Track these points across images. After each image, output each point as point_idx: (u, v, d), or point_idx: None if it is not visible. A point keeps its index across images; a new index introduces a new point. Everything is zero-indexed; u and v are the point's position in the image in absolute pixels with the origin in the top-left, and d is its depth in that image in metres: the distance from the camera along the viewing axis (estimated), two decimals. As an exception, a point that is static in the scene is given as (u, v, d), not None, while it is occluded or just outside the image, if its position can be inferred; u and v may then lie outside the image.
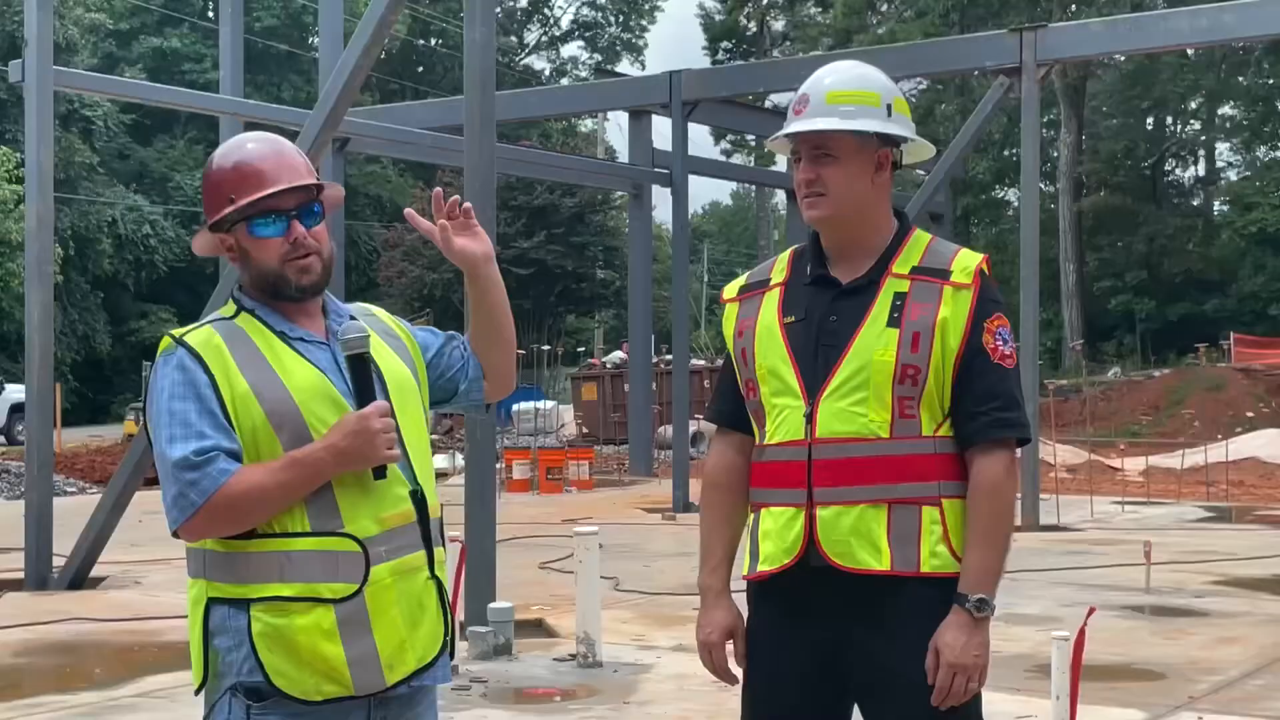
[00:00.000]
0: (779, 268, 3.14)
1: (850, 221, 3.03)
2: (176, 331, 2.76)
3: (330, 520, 2.65)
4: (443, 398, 3.00)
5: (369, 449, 2.63)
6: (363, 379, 2.70)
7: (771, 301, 3.08)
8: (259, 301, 2.78)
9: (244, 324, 2.75)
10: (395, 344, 2.90)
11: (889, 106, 3.03)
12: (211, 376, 2.67)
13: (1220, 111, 50.36)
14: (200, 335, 2.73)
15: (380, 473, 2.68)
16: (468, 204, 2.94)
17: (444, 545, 2.85)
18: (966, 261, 2.99)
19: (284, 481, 2.61)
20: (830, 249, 3.08)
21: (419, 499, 2.74)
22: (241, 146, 2.79)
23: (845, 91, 3.02)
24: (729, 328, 3.15)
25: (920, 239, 3.06)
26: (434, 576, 2.76)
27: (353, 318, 2.85)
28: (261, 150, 2.76)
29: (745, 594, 3.12)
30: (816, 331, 2.99)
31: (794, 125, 3.03)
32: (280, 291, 2.75)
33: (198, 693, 2.75)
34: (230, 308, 2.81)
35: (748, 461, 3.12)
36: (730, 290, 3.20)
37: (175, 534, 2.66)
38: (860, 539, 2.92)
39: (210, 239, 2.80)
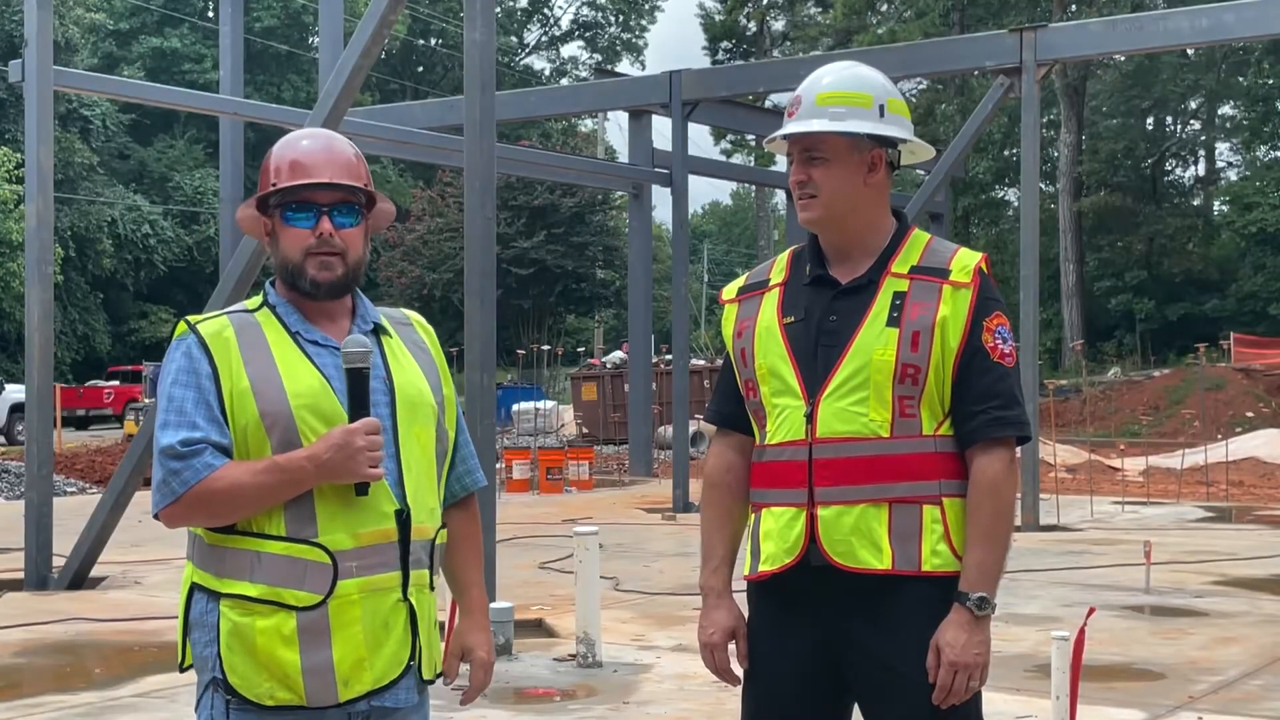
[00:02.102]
0: (778, 268, 3.14)
1: (843, 222, 3.03)
2: (193, 318, 2.78)
3: (305, 528, 2.65)
4: None
5: (350, 464, 2.61)
6: (358, 393, 2.67)
7: (771, 302, 3.08)
8: (283, 298, 2.79)
9: (262, 319, 2.76)
10: (424, 359, 2.87)
11: (882, 107, 3.02)
12: (215, 368, 2.68)
13: (1220, 111, 50.42)
14: (213, 325, 2.74)
15: (361, 489, 2.66)
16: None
17: (431, 569, 2.80)
18: (965, 260, 2.99)
19: (262, 484, 2.62)
20: (828, 249, 3.07)
21: (404, 519, 2.71)
22: (298, 139, 2.82)
23: (836, 93, 3.02)
24: (728, 328, 3.15)
25: (919, 238, 3.06)
26: (406, 600, 2.73)
27: (377, 325, 2.83)
28: (314, 145, 2.79)
29: (745, 594, 3.12)
30: (816, 331, 2.99)
31: (785, 127, 3.03)
32: (297, 284, 2.75)
33: (182, 670, 2.80)
34: (256, 300, 2.82)
35: (747, 462, 3.12)
36: (729, 291, 3.20)
37: (156, 516, 2.69)
38: (861, 538, 2.92)
39: (253, 216, 2.82)
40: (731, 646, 3.12)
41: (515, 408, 24.23)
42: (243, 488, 2.61)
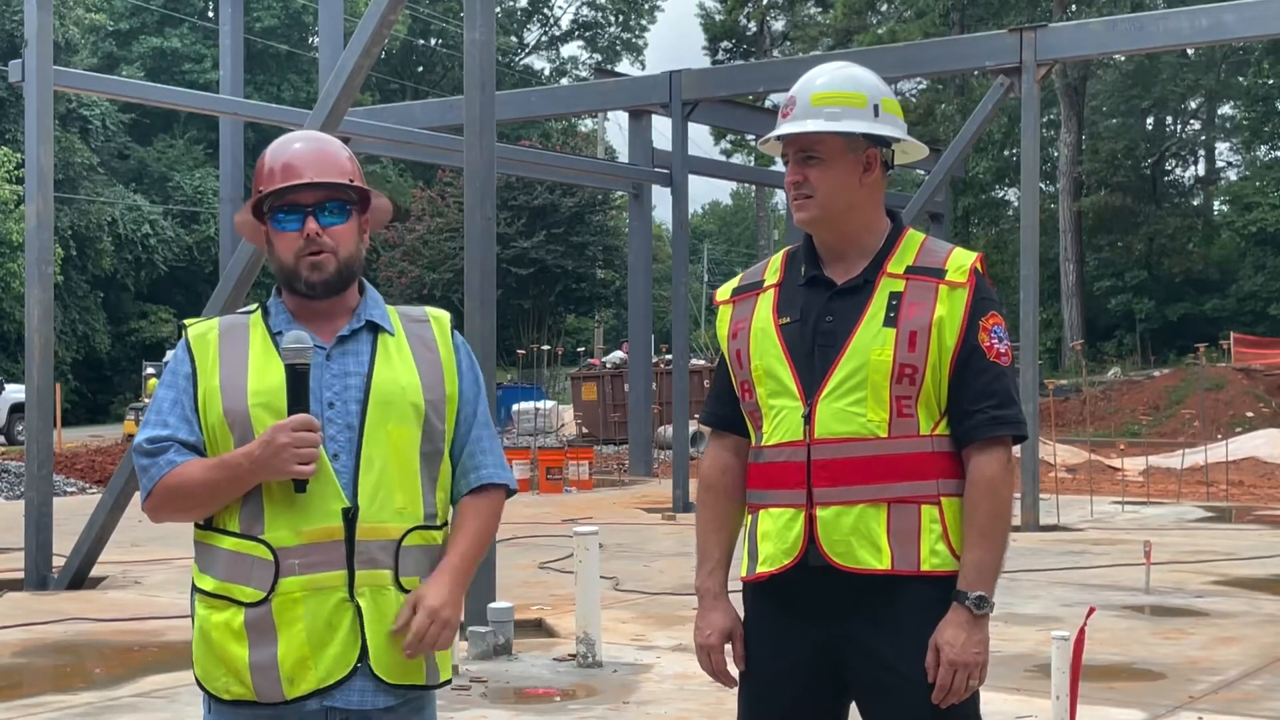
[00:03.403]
0: (773, 269, 3.14)
1: (840, 222, 3.03)
2: (189, 321, 2.85)
3: (254, 525, 2.70)
4: None
5: (275, 461, 2.64)
6: (294, 389, 2.69)
7: (766, 303, 3.08)
8: (278, 299, 2.83)
9: (252, 321, 2.81)
10: (425, 358, 2.84)
11: (876, 107, 3.02)
12: (194, 368, 2.76)
13: (1220, 111, 50.42)
14: (201, 327, 2.81)
15: (300, 486, 2.68)
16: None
17: (395, 569, 2.73)
18: (961, 260, 2.99)
19: (209, 480, 2.68)
20: (823, 249, 3.07)
21: (350, 517, 2.70)
22: (289, 143, 2.84)
23: (831, 93, 3.01)
24: (723, 329, 3.15)
25: (914, 238, 3.06)
26: (353, 600, 2.71)
27: (372, 323, 2.82)
28: (303, 148, 2.80)
29: (741, 594, 3.12)
30: (812, 332, 2.99)
31: (780, 128, 3.03)
32: (294, 287, 2.78)
33: None
34: (256, 305, 2.87)
35: (743, 463, 3.12)
36: (724, 292, 3.20)
37: (143, 509, 2.80)
38: (860, 539, 2.92)
39: (253, 224, 2.84)
40: (728, 648, 3.12)
41: (515, 408, 24.25)
42: (194, 483, 2.69)
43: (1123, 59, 41.83)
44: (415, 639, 2.71)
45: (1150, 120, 50.11)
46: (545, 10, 66.02)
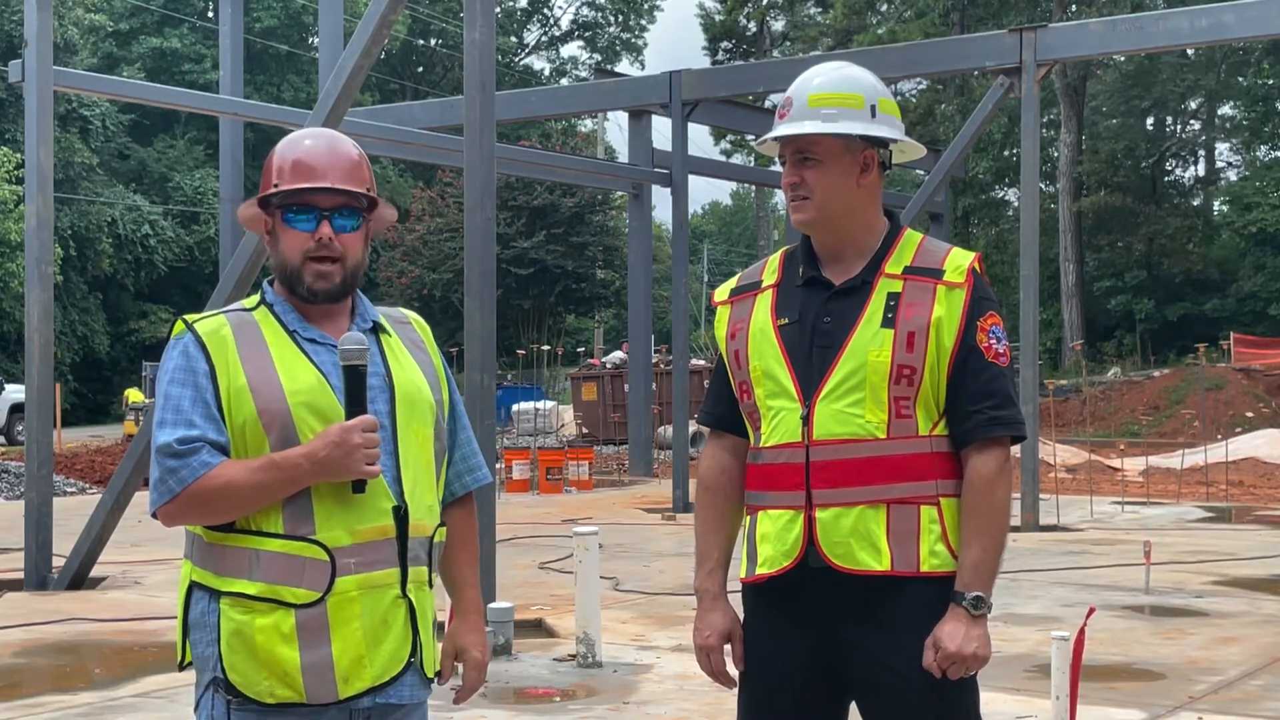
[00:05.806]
0: (770, 269, 3.14)
1: (837, 223, 3.03)
2: (190, 317, 2.79)
3: (303, 525, 2.66)
4: None
5: (347, 461, 2.62)
6: (355, 390, 2.68)
7: (764, 303, 3.07)
8: (280, 296, 2.80)
9: (259, 317, 2.77)
10: (422, 358, 2.88)
11: (873, 108, 3.01)
12: (211, 366, 2.69)
13: (1220, 111, 50.41)
14: (210, 324, 2.75)
15: (358, 487, 2.67)
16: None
17: (429, 565, 2.81)
18: (959, 260, 2.99)
19: (259, 482, 2.63)
20: (821, 250, 3.07)
21: (401, 516, 2.72)
22: (302, 139, 2.82)
23: (827, 94, 3.01)
24: (721, 330, 3.15)
25: (912, 238, 3.06)
26: (405, 597, 2.74)
27: (376, 323, 2.84)
28: (318, 146, 2.79)
29: (740, 594, 3.12)
30: (811, 333, 2.99)
31: (777, 130, 3.03)
32: (294, 288, 2.76)
33: (181, 669, 2.81)
34: (253, 299, 2.83)
35: (741, 464, 3.12)
36: (722, 293, 3.20)
37: (153, 515, 2.70)
38: (860, 540, 2.92)
39: (255, 213, 2.82)
40: (727, 648, 3.12)
41: (515, 408, 24.24)
42: (239, 485, 2.62)
43: (1123, 59, 41.85)
44: (469, 694, 2.98)
45: (1150, 120, 50.11)
46: (545, 10, 66.04)
